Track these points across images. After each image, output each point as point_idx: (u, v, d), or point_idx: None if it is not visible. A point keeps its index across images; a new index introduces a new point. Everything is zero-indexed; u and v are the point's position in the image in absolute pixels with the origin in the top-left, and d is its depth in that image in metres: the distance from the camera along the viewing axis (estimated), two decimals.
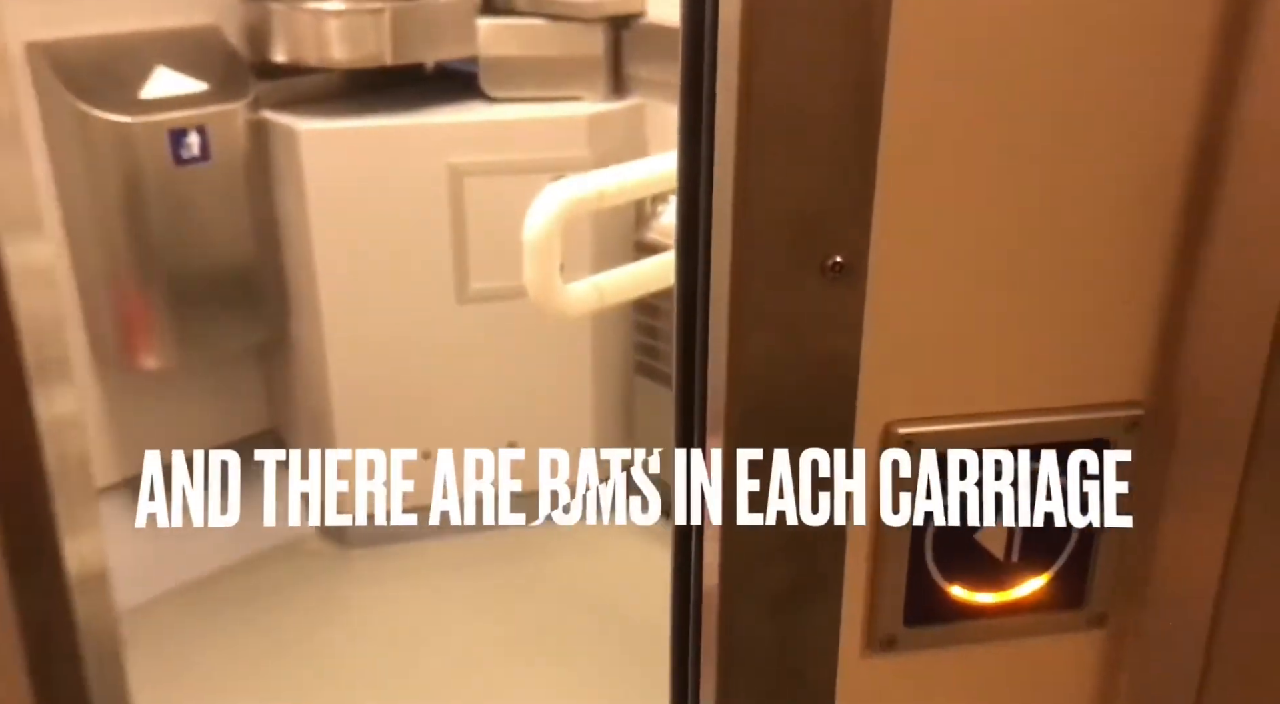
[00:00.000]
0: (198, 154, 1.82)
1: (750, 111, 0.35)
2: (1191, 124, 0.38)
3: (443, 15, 1.95)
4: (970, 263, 0.39)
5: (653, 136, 2.10)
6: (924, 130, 0.37)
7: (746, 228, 0.37)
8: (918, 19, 0.34)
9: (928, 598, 0.44)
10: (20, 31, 1.75)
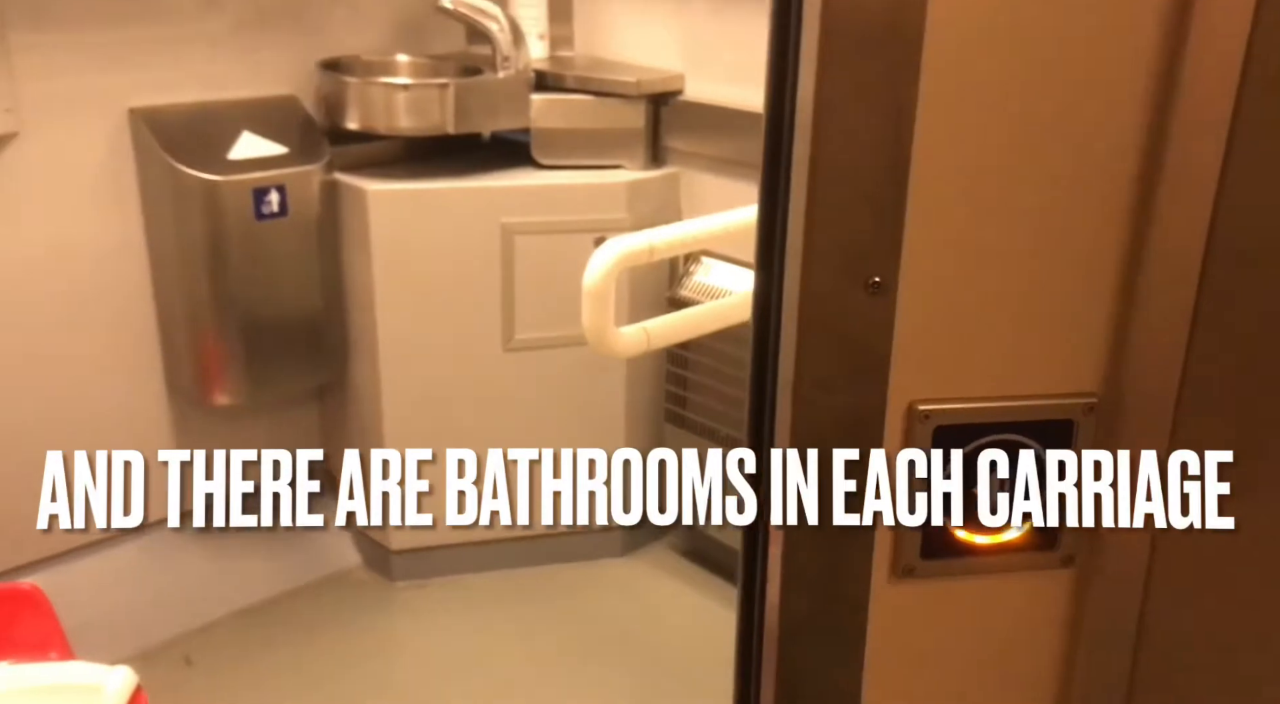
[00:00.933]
0: (277, 210, 2.01)
1: (816, 172, 0.51)
2: (1133, 169, 0.54)
3: (500, 90, 2.16)
4: (971, 284, 0.55)
5: (686, 202, 2.28)
6: (939, 187, 0.53)
7: (811, 256, 0.52)
8: (936, 112, 0.50)
9: (939, 538, 0.59)
10: (124, 98, 1.96)
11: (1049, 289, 0.56)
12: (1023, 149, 0.52)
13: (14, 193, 1.86)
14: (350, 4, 2.25)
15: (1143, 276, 0.55)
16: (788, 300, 0.54)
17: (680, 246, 1.47)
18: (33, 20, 1.83)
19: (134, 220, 2.01)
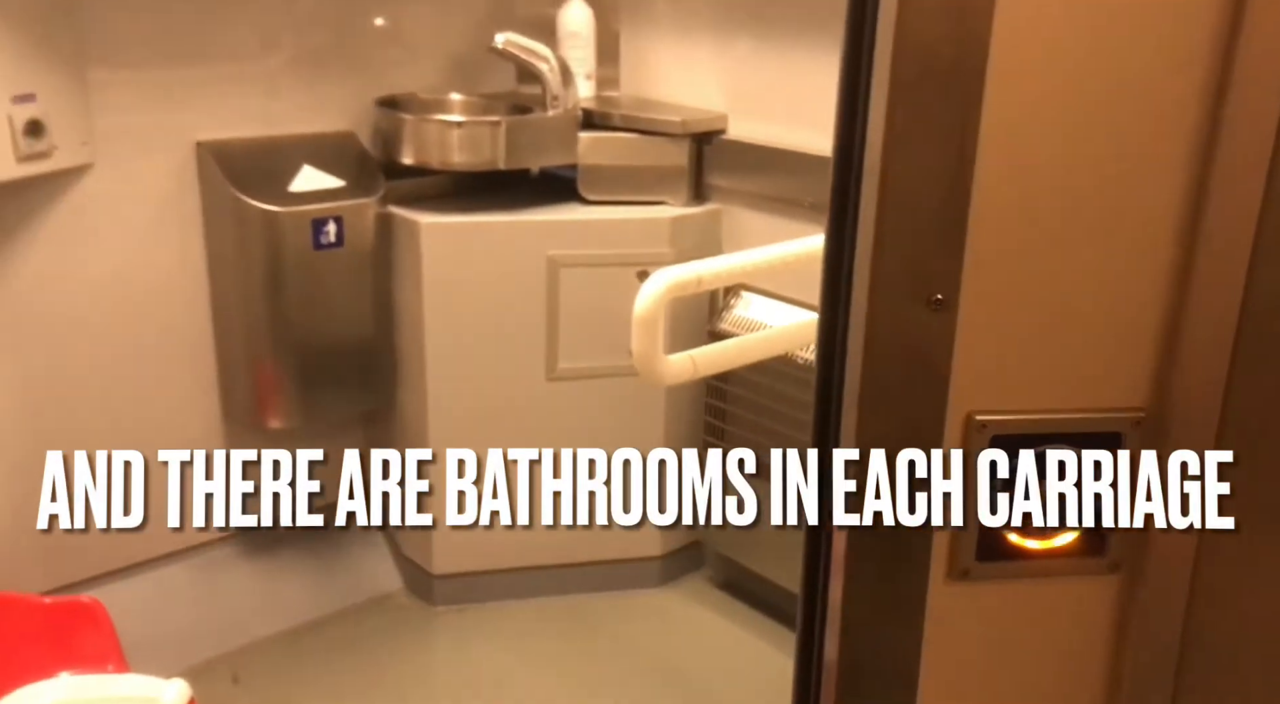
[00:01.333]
0: (334, 240, 2.09)
1: (884, 200, 0.56)
2: (1181, 193, 0.58)
3: (549, 128, 2.23)
4: (1027, 301, 0.60)
5: (727, 237, 2.34)
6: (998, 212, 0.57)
7: (878, 276, 0.57)
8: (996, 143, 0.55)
9: (993, 541, 0.63)
10: (192, 132, 2.05)
11: (1100, 307, 0.60)
12: (1076, 177, 0.57)
13: (87, 220, 1.95)
14: (405, 45, 2.34)
15: (1190, 294, 0.59)
16: (854, 318, 0.59)
17: (727, 278, 1.53)
18: (109, 58, 1.92)
19: (196, 248, 2.10)
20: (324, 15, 2.19)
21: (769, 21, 2.18)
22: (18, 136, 1.75)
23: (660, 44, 2.40)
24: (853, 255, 0.58)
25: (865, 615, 0.62)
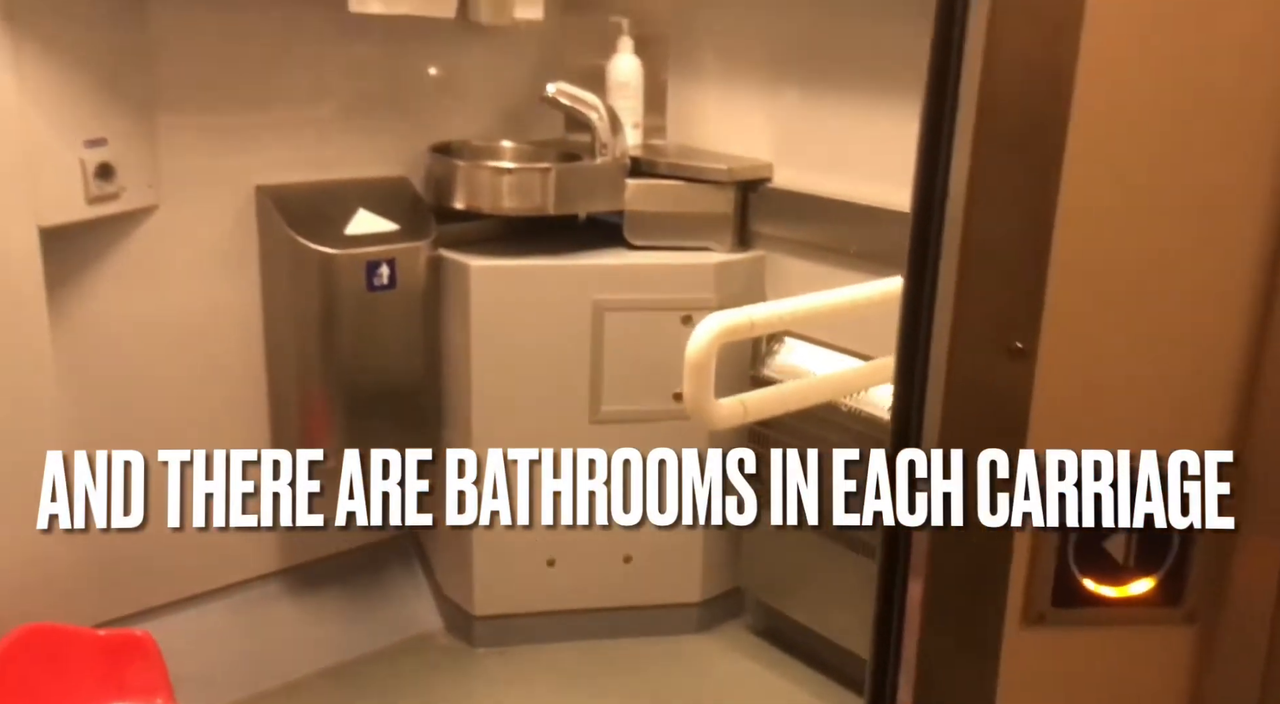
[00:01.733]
0: (386, 283, 2.13)
1: (967, 251, 0.58)
2: (1260, 243, 0.59)
3: (598, 175, 2.27)
4: (1106, 348, 0.61)
5: (770, 284, 2.36)
6: (1078, 263, 0.59)
7: (959, 325, 0.59)
8: (1076, 197, 0.57)
9: (1068, 587, 0.63)
10: (252, 177, 2.11)
11: (1178, 354, 0.61)
12: (1155, 228, 0.59)
13: (150, 260, 2.01)
14: (456, 94, 2.40)
15: (1269, 340, 0.60)
16: (934, 365, 0.60)
17: (779, 323, 1.54)
18: (176, 103, 1.99)
19: (253, 288, 2.15)
20: (379, 65, 2.26)
21: (815, 72, 2.22)
22: (89, 179, 1.81)
23: (707, 93, 2.44)
24: (932, 304, 0.60)
25: (940, 660, 0.63)
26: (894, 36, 2.07)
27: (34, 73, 1.69)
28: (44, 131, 1.72)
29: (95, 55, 1.81)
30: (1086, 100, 0.55)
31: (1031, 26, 0.54)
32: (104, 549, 1.95)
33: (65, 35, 1.74)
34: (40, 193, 1.72)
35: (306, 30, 2.13)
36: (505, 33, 2.34)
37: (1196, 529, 0.62)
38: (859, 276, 2.18)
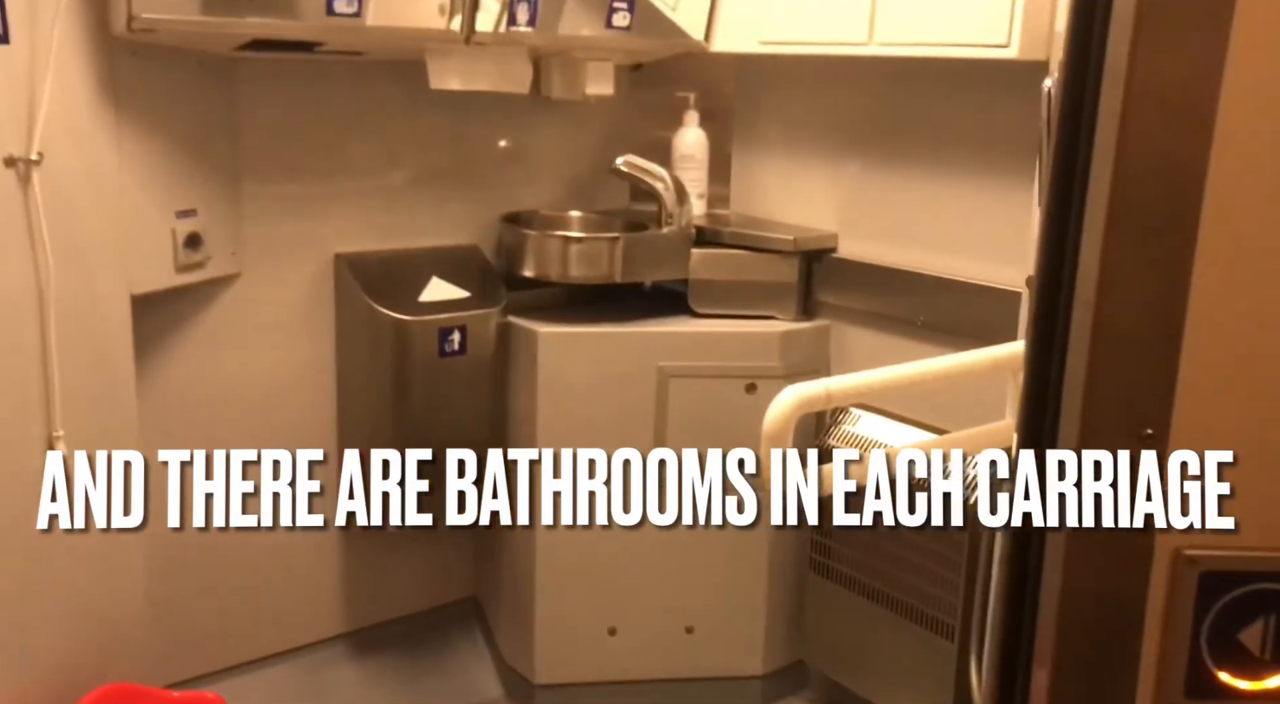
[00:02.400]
0: (457, 349, 2.17)
1: (1097, 336, 0.58)
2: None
3: (663, 244, 2.31)
4: (1237, 438, 0.61)
5: (835, 353, 2.36)
6: (1210, 348, 0.59)
7: (1089, 409, 0.59)
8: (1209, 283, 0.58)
9: (1202, 678, 0.62)
10: (331, 245, 2.17)
11: None
12: None
13: (231, 325, 2.07)
14: (526, 164, 2.46)
15: None
16: (1062, 449, 0.60)
17: (855, 396, 1.55)
18: (259, 173, 2.06)
19: (328, 353, 2.19)
20: (453, 137, 2.32)
21: (877, 144, 2.25)
22: (179, 248, 1.88)
23: (770, 164, 2.48)
24: (1059, 387, 0.60)
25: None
26: (956, 110, 2.09)
27: (133, 148, 1.76)
28: (141, 204, 1.79)
29: (189, 130, 1.89)
30: (1220, 187, 0.56)
31: (1165, 116, 0.56)
32: (176, 611, 1.98)
33: (163, 112, 1.82)
34: (134, 262, 1.78)
35: (382, 104, 2.20)
36: (575, 106, 2.40)
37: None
38: (925, 347, 2.18)
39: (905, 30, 1.96)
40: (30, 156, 1.52)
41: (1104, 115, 0.58)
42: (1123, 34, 0.59)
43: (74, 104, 1.62)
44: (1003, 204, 2.01)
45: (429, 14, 2.10)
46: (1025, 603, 0.64)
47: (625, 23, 2.21)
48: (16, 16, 1.50)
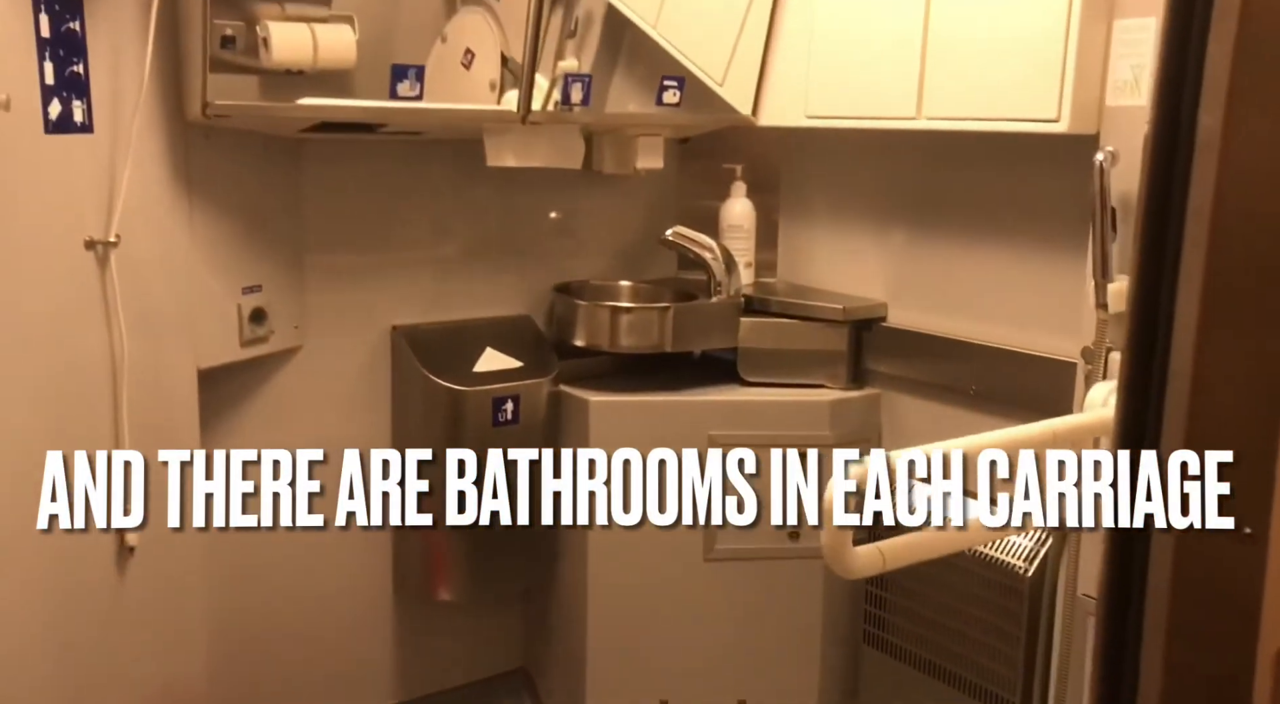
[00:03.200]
0: (510, 418, 2.19)
1: (1192, 432, 0.59)
2: None
3: (713, 313, 2.33)
4: None
5: (886, 422, 2.36)
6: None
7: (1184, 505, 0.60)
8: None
9: None
10: (388, 317, 2.22)
11: None
12: None
13: (292, 397, 2.11)
14: (576, 236, 2.51)
15: None
16: (1158, 551, 0.61)
17: (915, 469, 1.54)
18: (320, 248, 2.11)
19: (384, 423, 2.22)
20: (504, 210, 2.37)
21: (925, 213, 2.27)
22: (244, 323, 1.93)
23: (817, 232, 2.50)
24: (1151, 488, 0.61)
25: None
26: (1003, 180, 2.11)
27: (204, 227, 1.82)
28: (209, 281, 1.85)
29: (255, 208, 1.95)
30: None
31: (1261, 179, 0.56)
32: (231, 682, 1.99)
33: (232, 192, 1.88)
34: (201, 337, 1.83)
35: (438, 179, 2.26)
36: (625, 178, 2.45)
37: None
38: (978, 417, 2.17)
39: (954, 105, 1.99)
40: (109, 239, 1.58)
41: (1196, 182, 0.58)
42: (1215, 101, 0.60)
43: (150, 187, 1.68)
44: (1054, 274, 2.02)
45: (480, 91, 2.17)
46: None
47: (675, 99, 2.26)
48: (101, 107, 1.56)
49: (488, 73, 2.20)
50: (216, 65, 1.71)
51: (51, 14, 1.45)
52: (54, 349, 1.49)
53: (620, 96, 2.28)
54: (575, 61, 2.21)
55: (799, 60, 2.28)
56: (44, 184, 1.46)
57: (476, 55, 2.23)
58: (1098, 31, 1.80)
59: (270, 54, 1.83)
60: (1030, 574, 1.99)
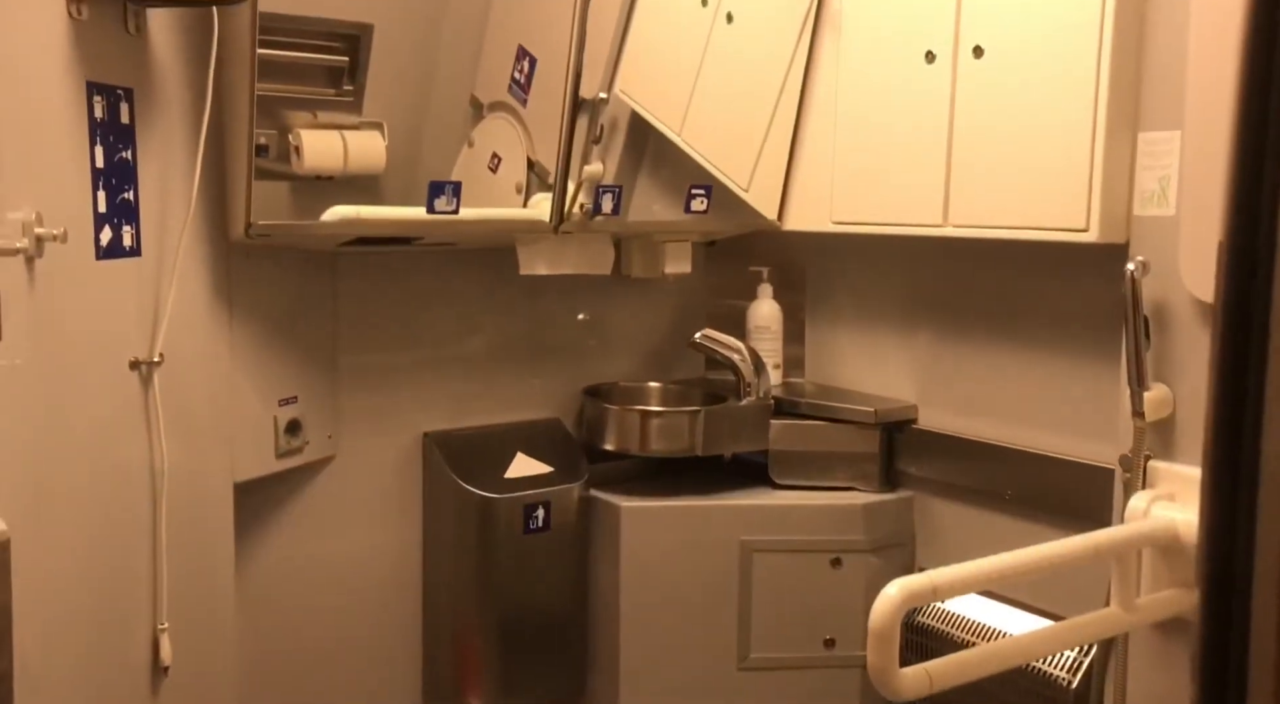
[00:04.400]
0: (542, 525, 2.18)
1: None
2: None
3: (743, 416, 2.33)
4: None
5: (920, 525, 2.33)
6: None
7: None
8: None
9: None
10: (421, 424, 2.22)
11: None
12: None
13: (324, 506, 2.10)
14: (604, 338, 2.52)
15: None
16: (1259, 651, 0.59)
17: (962, 587, 1.52)
18: (352, 356, 2.13)
19: (415, 531, 2.22)
20: (533, 315, 2.39)
21: (953, 313, 2.28)
22: (279, 435, 1.94)
23: (844, 333, 2.51)
24: (1248, 582, 0.59)
25: None
26: (1032, 285, 2.12)
27: (243, 342, 1.85)
28: (247, 394, 1.86)
29: (293, 321, 1.98)
30: None
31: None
32: None
33: (271, 306, 1.91)
34: (238, 450, 1.84)
35: (468, 286, 2.29)
36: (652, 281, 2.47)
37: None
38: (1014, 522, 2.15)
39: (981, 213, 2.01)
40: (153, 359, 1.60)
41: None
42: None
43: (193, 306, 1.71)
44: (1087, 379, 2.02)
45: (507, 194, 2.22)
46: None
47: (703, 207, 2.30)
48: (148, 230, 1.60)
49: (514, 176, 2.25)
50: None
51: (106, 145, 1.49)
52: (97, 463, 1.50)
53: (648, 201, 2.32)
54: (601, 165, 2.25)
55: (823, 166, 2.32)
56: (92, 308, 1.49)
57: (503, 159, 2.29)
58: (1123, 142, 1.83)
59: (302, 161, 1.88)
60: (1074, 686, 1.94)
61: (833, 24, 2.29)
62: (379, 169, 2.02)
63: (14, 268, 1.29)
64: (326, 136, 1.94)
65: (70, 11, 1.42)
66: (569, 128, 2.07)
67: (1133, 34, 1.81)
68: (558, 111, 2.06)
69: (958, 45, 2.03)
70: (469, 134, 2.29)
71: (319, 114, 2.00)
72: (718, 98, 2.32)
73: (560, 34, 2.03)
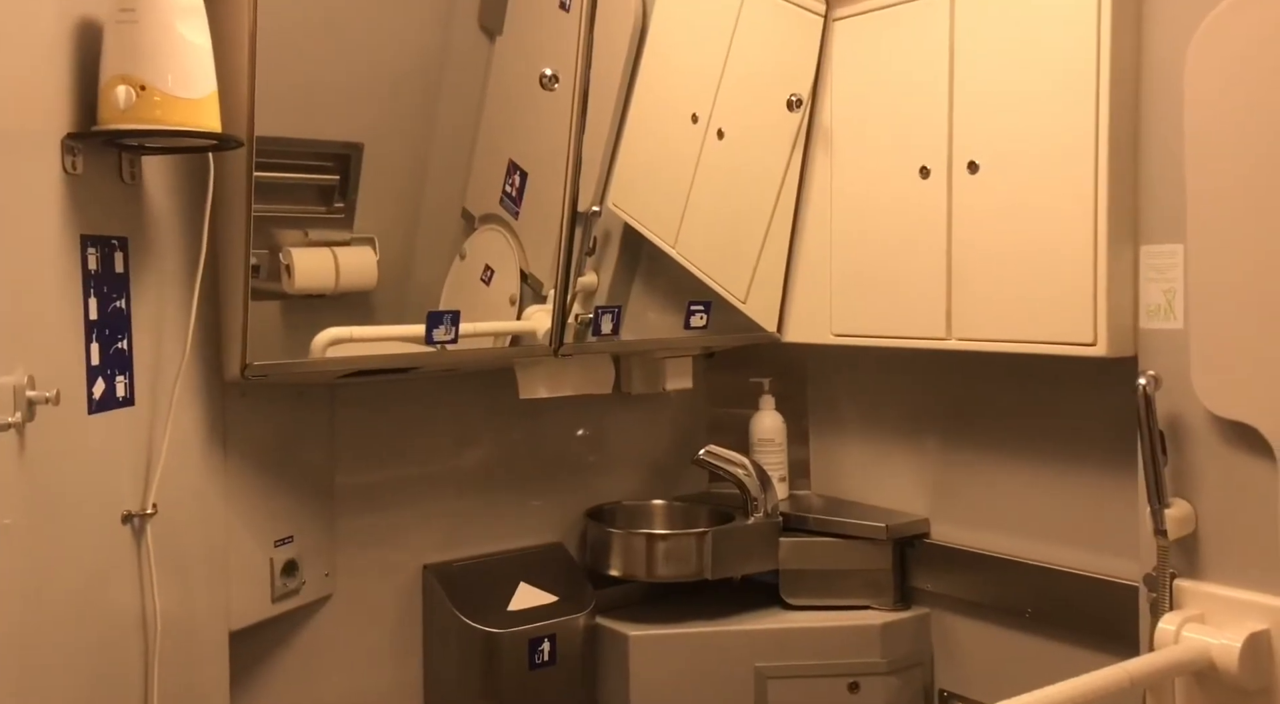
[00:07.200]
0: (548, 659, 2.10)
1: None
2: None
3: (752, 536, 2.27)
4: None
5: (939, 643, 2.26)
6: None
7: None
8: None
9: None
10: (420, 556, 2.15)
11: None
12: None
13: (321, 647, 2.02)
14: (604, 456, 2.47)
15: None
16: None
17: None
18: (351, 487, 2.07)
19: (415, 669, 2.13)
20: (532, 437, 2.33)
21: (961, 425, 2.24)
22: (275, 577, 1.87)
23: (849, 444, 2.47)
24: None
25: None
26: (1040, 398, 2.09)
27: (238, 483, 1.79)
28: (243, 539, 1.80)
29: (289, 458, 1.92)
30: None
31: None
32: None
33: (266, 444, 1.86)
34: (233, 595, 1.77)
35: (466, 410, 2.23)
36: (653, 397, 2.44)
37: None
38: (1034, 640, 2.08)
39: (985, 327, 1.99)
40: (145, 511, 1.54)
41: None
42: None
43: (187, 452, 1.66)
44: (1104, 491, 1.98)
45: (500, 306, 2.18)
46: None
47: (703, 323, 2.28)
48: (142, 378, 1.56)
49: (507, 288, 2.22)
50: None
51: (100, 296, 1.46)
52: (88, 615, 1.43)
53: (651, 326, 2.29)
54: (595, 276, 2.24)
55: (822, 279, 2.31)
56: (84, 464, 1.44)
57: (496, 272, 2.26)
58: (1125, 255, 1.83)
59: (293, 281, 1.83)
60: None
61: (824, 140, 2.31)
62: (371, 285, 1.98)
63: (4, 433, 1.25)
64: (318, 254, 1.90)
65: (65, 166, 1.40)
66: (566, 252, 2.06)
67: (1128, 147, 1.82)
68: (550, 224, 2.05)
69: (951, 160, 2.04)
70: (461, 246, 2.28)
71: (310, 232, 1.98)
72: (711, 211, 2.32)
73: (551, 148, 2.03)
